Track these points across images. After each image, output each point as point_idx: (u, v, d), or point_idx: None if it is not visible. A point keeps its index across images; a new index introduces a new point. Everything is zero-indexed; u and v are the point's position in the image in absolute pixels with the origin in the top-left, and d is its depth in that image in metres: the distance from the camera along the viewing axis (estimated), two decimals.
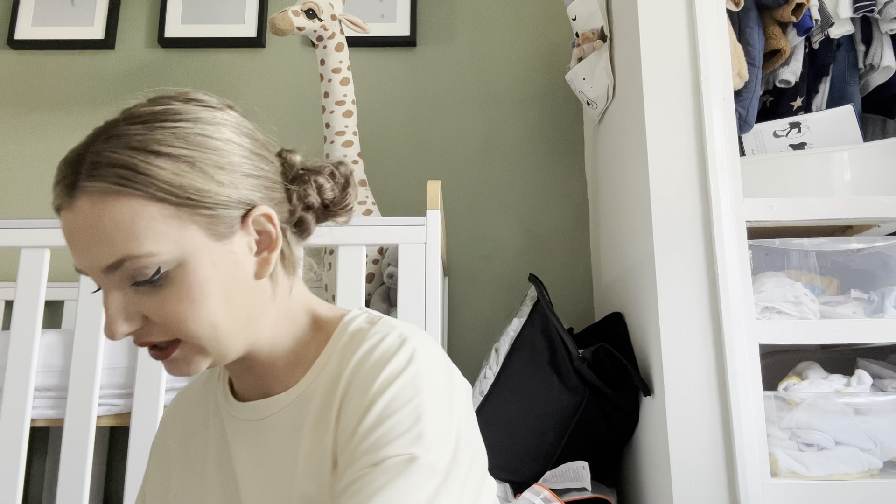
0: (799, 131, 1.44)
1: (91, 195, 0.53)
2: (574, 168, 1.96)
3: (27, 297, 1.28)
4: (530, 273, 1.65)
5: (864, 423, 1.14)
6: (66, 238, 0.56)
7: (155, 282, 0.55)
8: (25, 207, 1.98)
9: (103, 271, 0.55)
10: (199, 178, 0.56)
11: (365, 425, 0.55)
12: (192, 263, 0.55)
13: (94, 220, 0.53)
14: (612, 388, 1.28)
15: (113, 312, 0.55)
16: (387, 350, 0.59)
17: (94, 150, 0.55)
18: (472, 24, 2.08)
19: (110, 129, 0.57)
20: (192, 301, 0.55)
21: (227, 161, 0.58)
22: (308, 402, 0.61)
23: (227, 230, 0.57)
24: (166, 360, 0.58)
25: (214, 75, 2.06)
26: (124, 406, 1.29)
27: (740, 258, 1.17)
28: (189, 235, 0.55)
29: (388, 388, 0.56)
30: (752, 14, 1.44)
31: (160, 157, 0.55)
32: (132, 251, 0.53)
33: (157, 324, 0.56)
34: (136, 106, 0.59)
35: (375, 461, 0.53)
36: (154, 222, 0.54)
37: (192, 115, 0.59)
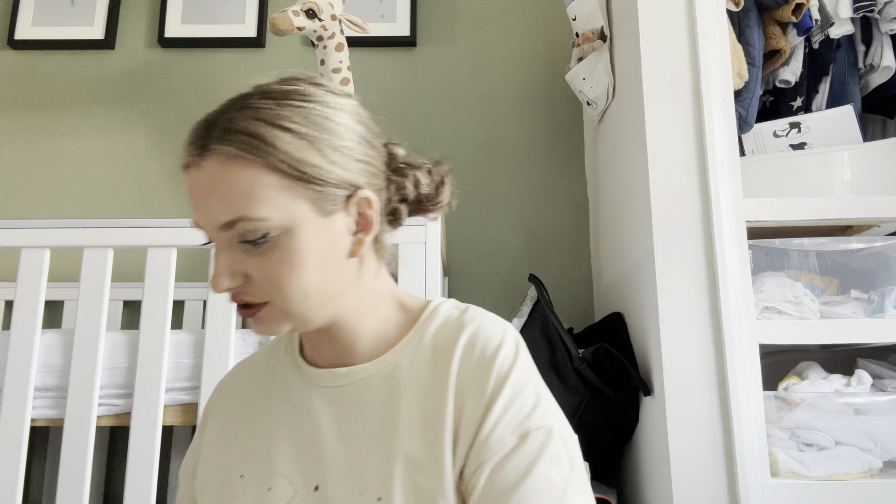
0: (799, 131, 1.44)
1: (219, 157, 0.59)
2: (574, 168, 1.96)
3: (27, 297, 1.28)
4: (530, 273, 1.65)
5: (864, 423, 1.14)
6: (190, 193, 0.61)
7: (261, 244, 0.59)
8: (25, 207, 1.98)
9: (219, 228, 0.60)
10: (316, 156, 0.60)
11: (498, 406, 0.61)
12: (297, 233, 0.60)
13: (219, 179, 0.59)
14: (612, 388, 1.28)
15: (220, 268, 0.60)
16: (492, 336, 0.65)
17: (227, 117, 0.60)
18: (472, 24, 2.08)
19: (243, 101, 0.62)
20: (291, 267, 0.60)
21: (342, 144, 0.63)
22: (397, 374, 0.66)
23: (331, 207, 0.62)
24: (253, 318, 0.63)
25: (214, 75, 2.06)
26: (124, 406, 1.29)
27: (740, 258, 1.17)
28: (298, 207, 0.60)
29: (509, 373, 0.63)
30: (752, 14, 1.44)
31: (285, 132, 0.59)
32: (247, 213, 0.58)
33: (256, 284, 0.61)
34: (268, 84, 0.64)
35: (522, 433, 0.60)
36: (270, 190, 0.59)
37: (317, 98, 0.63)
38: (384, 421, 0.64)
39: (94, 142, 2.02)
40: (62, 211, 1.97)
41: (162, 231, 1.32)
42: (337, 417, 0.66)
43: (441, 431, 0.62)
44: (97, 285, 1.29)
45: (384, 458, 0.63)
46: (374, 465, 0.63)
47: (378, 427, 0.64)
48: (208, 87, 2.05)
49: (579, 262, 1.90)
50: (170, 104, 2.04)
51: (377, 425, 0.64)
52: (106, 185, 1.99)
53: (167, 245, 1.31)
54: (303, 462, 0.66)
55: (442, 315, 0.69)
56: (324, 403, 0.67)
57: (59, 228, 1.31)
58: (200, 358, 1.30)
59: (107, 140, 2.02)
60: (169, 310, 1.30)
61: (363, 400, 0.66)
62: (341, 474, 0.64)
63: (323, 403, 0.67)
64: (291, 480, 0.66)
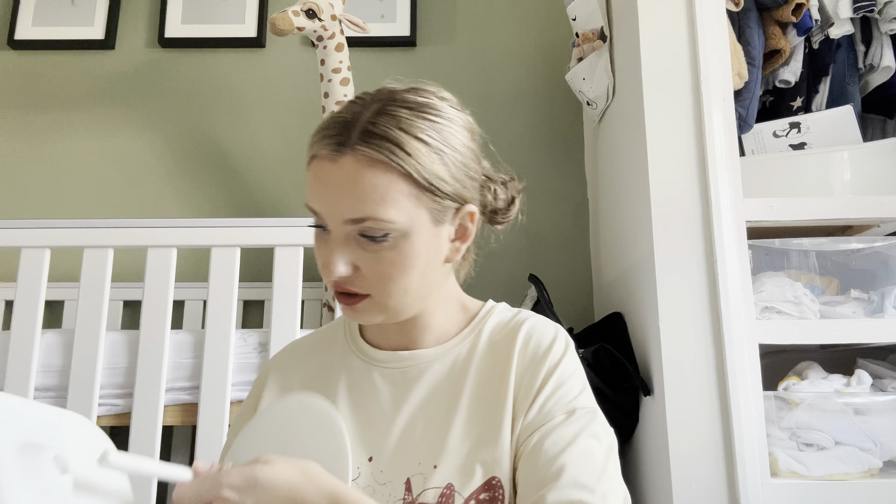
0: (799, 131, 1.44)
1: (359, 157, 0.62)
2: (574, 168, 1.96)
3: (27, 297, 1.28)
4: (530, 273, 1.65)
5: (863, 423, 1.14)
6: (318, 183, 0.64)
7: (380, 241, 0.64)
8: (25, 207, 1.98)
9: (344, 221, 0.64)
10: (444, 170, 0.65)
11: (548, 388, 0.69)
12: (412, 237, 0.65)
13: (356, 178, 0.62)
14: (612, 388, 1.28)
15: (336, 257, 0.65)
16: (545, 333, 0.73)
17: (368, 119, 0.63)
18: (472, 24, 2.08)
19: (382, 106, 0.65)
20: (402, 267, 0.65)
21: (462, 161, 0.68)
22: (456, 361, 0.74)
23: (443, 218, 0.68)
24: (351, 307, 0.68)
25: (214, 75, 2.06)
26: (124, 406, 1.29)
27: (740, 258, 1.17)
28: (419, 215, 0.65)
29: (559, 363, 0.71)
30: (752, 14, 1.44)
31: (422, 144, 0.64)
32: (377, 214, 0.62)
33: (364, 276, 0.66)
34: (400, 91, 0.68)
35: (569, 410, 0.68)
36: (401, 195, 0.63)
37: (447, 114, 0.68)
38: (443, 400, 0.71)
39: (94, 142, 2.02)
40: (62, 211, 1.97)
41: (162, 231, 1.32)
42: (397, 395, 0.72)
43: (501, 414, 0.69)
44: (97, 285, 1.29)
45: (442, 432, 0.69)
46: (432, 439, 0.69)
47: (437, 405, 0.71)
48: (208, 87, 2.05)
49: (579, 262, 1.90)
50: (170, 104, 2.04)
51: (436, 404, 0.71)
52: (106, 185, 1.99)
53: (167, 245, 1.31)
54: (360, 434, 0.71)
55: (497, 315, 0.78)
56: (385, 382, 0.74)
57: (59, 228, 1.31)
58: (200, 358, 1.30)
59: (107, 140, 2.02)
60: (169, 310, 1.30)
61: (424, 381, 0.73)
62: (397, 446, 0.69)
63: (384, 381, 0.74)
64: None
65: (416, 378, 0.73)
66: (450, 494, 0.65)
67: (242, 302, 1.88)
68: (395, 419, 0.71)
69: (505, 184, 0.79)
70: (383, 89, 0.68)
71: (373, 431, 0.71)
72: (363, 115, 0.64)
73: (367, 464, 0.69)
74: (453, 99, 0.72)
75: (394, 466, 0.68)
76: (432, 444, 0.68)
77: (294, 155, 1.99)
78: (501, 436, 0.68)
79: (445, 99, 0.70)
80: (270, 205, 1.97)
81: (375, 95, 0.67)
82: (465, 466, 0.66)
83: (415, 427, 0.70)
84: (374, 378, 0.74)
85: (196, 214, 1.96)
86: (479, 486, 0.66)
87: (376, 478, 0.69)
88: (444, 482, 0.66)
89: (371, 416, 0.72)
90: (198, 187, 1.99)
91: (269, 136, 2.01)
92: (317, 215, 0.66)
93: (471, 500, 0.65)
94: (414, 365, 0.74)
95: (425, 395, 0.72)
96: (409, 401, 0.72)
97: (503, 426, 0.68)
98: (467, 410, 0.70)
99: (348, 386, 0.75)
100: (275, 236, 1.32)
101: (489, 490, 0.65)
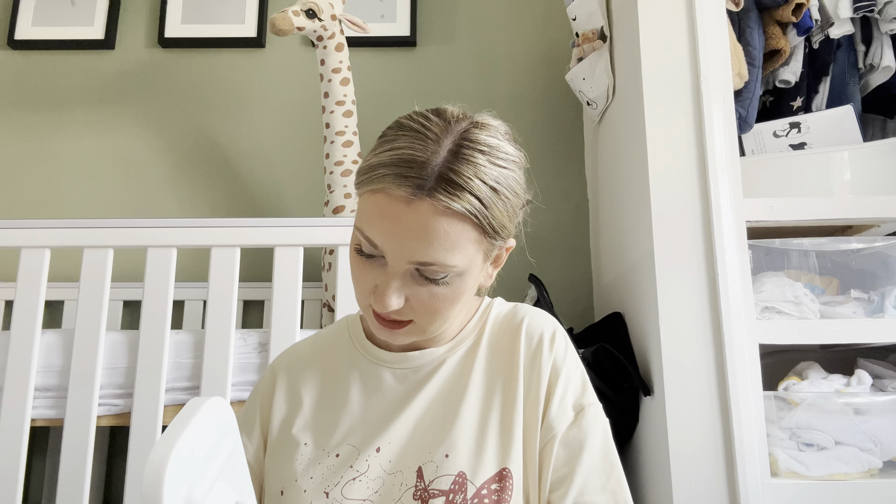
0: (799, 131, 1.44)
1: (437, 204, 0.62)
2: (574, 168, 1.96)
3: (27, 297, 1.28)
4: (530, 273, 1.65)
5: (864, 423, 1.14)
6: (384, 219, 0.63)
7: (437, 282, 0.65)
8: (25, 207, 1.98)
9: (409, 262, 0.64)
10: (507, 219, 0.67)
11: (559, 389, 0.72)
12: (467, 276, 0.67)
13: (430, 224, 0.62)
14: (612, 388, 1.28)
15: (392, 291, 0.65)
16: (545, 327, 0.76)
17: (446, 161, 0.63)
18: (472, 24, 2.08)
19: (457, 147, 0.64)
20: (451, 303, 0.67)
21: (518, 204, 0.69)
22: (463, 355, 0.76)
23: (492, 254, 0.70)
24: (392, 331, 0.69)
25: (214, 75, 2.06)
26: (124, 406, 1.29)
27: (740, 258, 1.17)
28: (477, 257, 0.67)
29: (564, 360, 0.74)
30: (752, 14, 1.44)
31: (494, 193, 0.64)
32: (445, 261, 0.63)
33: (413, 308, 0.67)
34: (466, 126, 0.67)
35: (578, 409, 0.73)
36: (469, 243, 0.64)
37: (512, 157, 0.68)
38: (453, 392, 0.74)
39: (94, 142, 2.02)
40: (62, 211, 1.97)
41: (162, 231, 1.32)
42: (409, 389, 0.75)
43: (512, 406, 0.72)
44: (97, 285, 1.29)
45: (453, 423, 0.71)
46: (443, 429, 0.71)
47: (447, 397, 0.73)
48: (208, 87, 2.05)
49: (579, 262, 1.90)
50: (170, 104, 2.04)
51: (446, 395, 0.74)
52: (106, 185, 1.99)
53: (167, 245, 1.31)
54: (367, 428, 0.73)
55: (497, 308, 0.81)
56: (395, 380, 0.76)
57: (59, 228, 1.31)
58: (200, 358, 1.30)
59: (107, 140, 2.02)
60: (169, 310, 1.30)
61: (433, 378, 0.75)
62: (408, 436, 0.72)
63: (395, 380, 0.76)
64: (356, 445, 0.73)
65: (429, 375, 0.76)
66: (462, 482, 0.68)
67: (242, 302, 1.88)
68: (405, 411, 0.73)
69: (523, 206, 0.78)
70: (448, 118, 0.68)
71: (381, 423, 0.73)
72: (438, 155, 0.63)
73: (376, 454, 0.71)
74: (510, 132, 0.72)
75: (404, 456, 0.71)
76: (443, 434, 0.70)
77: (294, 155, 1.99)
78: (514, 428, 0.71)
79: (507, 134, 0.71)
80: (270, 205, 1.97)
81: (445, 128, 0.66)
82: (477, 456, 0.69)
83: (425, 418, 0.73)
84: (385, 376, 0.76)
85: (196, 214, 1.96)
86: (491, 475, 0.68)
87: (385, 468, 0.70)
88: (456, 470, 0.68)
89: (380, 409, 0.74)
90: (198, 187, 1.99)
91: (269, 136, 2.01)
92: (375, 247, 0.65)
93: (483, 488, 0.67)
94: (426, 363, 0.76)
95: (436, 388, 0.75)
96: (421, 395, 0.74)
97: (515, 417, 0.71)
98: (477, 401, 0.73)
99: (359, 386, 0.77)
100: (275, 236, 1.32)
101: (501, 480, 0.68)
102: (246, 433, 0.79)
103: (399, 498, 0.68)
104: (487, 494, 0.67)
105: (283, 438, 0.76)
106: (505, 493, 0.68)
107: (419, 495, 0.68)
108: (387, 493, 0.69)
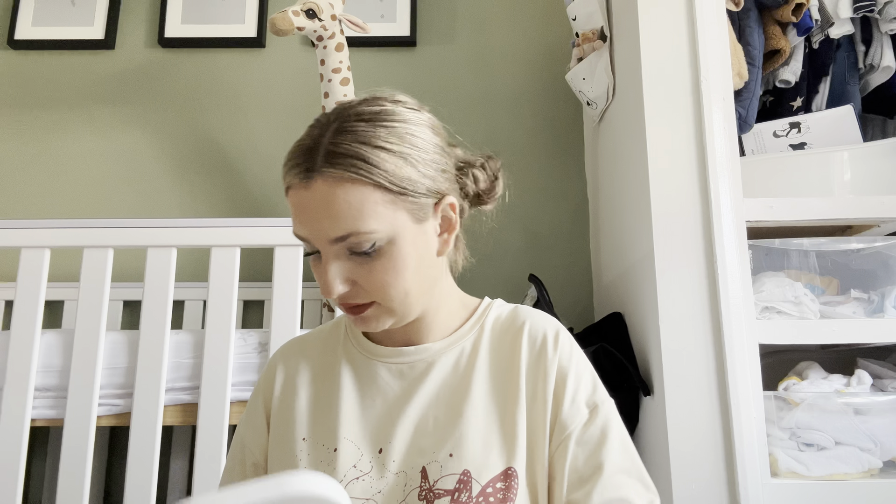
0: (799, 131, 1.44)
1: (327, 178, 0.64)
2: (574, 168, 1.96)
3: (27, 297, 1.28)
4: (530, 273, 1.65)
5: (863, 423, 1.14)
6: (298, 210, 0.66)
7: (369, 254, 0.66)
8: (25, 207, 1.98)
9: (329, 242, 0.66)
10: (411, 171, 0.67)
11: (569, 389, 0.73)
12: (399, 241, 0.67)
13: (330, 199, 0.64)
14: (612, 388, 1.27)
15: (332, 276, 0.66)
16: (549, 328, 0.76)
17: (329, 139, 0.65)
18: (472, 24, 2.08)
19: (339, 123, 0.67)
20: (395, 271, 0.67)
21: (429, 157, 0.69)
22: (462, 354, 0.76)
23: (423, 215, 0.69)
24: (358, 316, 0.70)
25: (214, 75, 2.06)
26: (124, 406, 1.29)
27: (740, 258, 1.17)
28: (399, 218, 0.67)
29: (570, 360, 0.75)
30: (752, 14, 1.44)
31: (384, 152, 0.65)
32: (358, 228, 0.64)
33: (363, 288, 0.68)
34: (354, 104, 0.70)
35: (591, 406, 0.73)
36: (377, 206, 0.65)
37: (403, 116, 0.69)
38: (455, 392, 0.73)
39: (94, 142, 2.02)
40: (62, 211, 1.97)
41: (162, 231, 1.32)
42: (406, 388, 0.75)
43: (514, 406, 0.72)
44: (97, 285, 1.29)
45: (456, 422, 0.71)
46: (446, 428, 0.71)
47: (449, 396, 0.73)
48: (208, 87, 2.05)
49: (579, 262, 1.90)
50: (170, 104, 2.04)
51: (448, 395, 0.73)
52: (106, 185, 1.99)
53: (167, 245, 1.31)
54: (368, 427, 0.73)
55: (496, 309, 0.81)
56: (392, 376, 0.76)
57: (59, 228, 1.31)
58: (200, 358, 1.30)
59: (107, 140, 2.02)
60: (169, 310, 1.30)
61: (433, 374, 0.75)
62: (410, 436, 0.72)
63: (391, 376, 0.76)
64: (357, 444, 0.72)
65: (425, 371, 0.75)
66: (467, 481, 0.68)
67: (242, 302, 1.88)
68: (406, 411, 0.73)
69: (483, 165, 0.80)
70: (339, 107, 0.70)
71: (382, 424, 0.73)
72: (324, 137, 0.66)
73: (377, 456, 0.71)
74: (410, 100, 0.73)
75: (407, 456, 0.71)
76: (447, 434, 0.70)
77: None
78: (517, 428, 0.71)
79: (400, 101, 0.72)
80: (270, 205, 1.97)
81: (332, 115, 0.69)
82: (482, 455, 0.69)
83: (427, 417, 0.72)
84: (380, 372, 0.76)
85: (196, 214, 1.96)
86: (496, 474, 0.68)
87: (388, 468, 0.71)
88: (460, 469, 0.68)
89: (379, 410, 0.74)
90: (198, 187, 1.99)
91: (269, 136, 2.01)
92: (306, 241, 0.68)
93: (488, 486, 0.67)
94: (421, 359, 0.76)
95: (436, 386, 0.74)
96: (420, 393, 0.74)
97: (518, 418, 0.71)
98: (480, 401, 0.73)
99: (354, 381, 0.77)
100: (275, 236, 1.32)
101: (506, 479, 0.68)
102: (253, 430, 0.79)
103: (404, 498, 0.69)
104: (493, 493, 0.67)
105: (283, 432, 0.76)
106: (510, 492, 0.67)
107: (424, 495, 0.68)
108: (391, 493, 0.69)
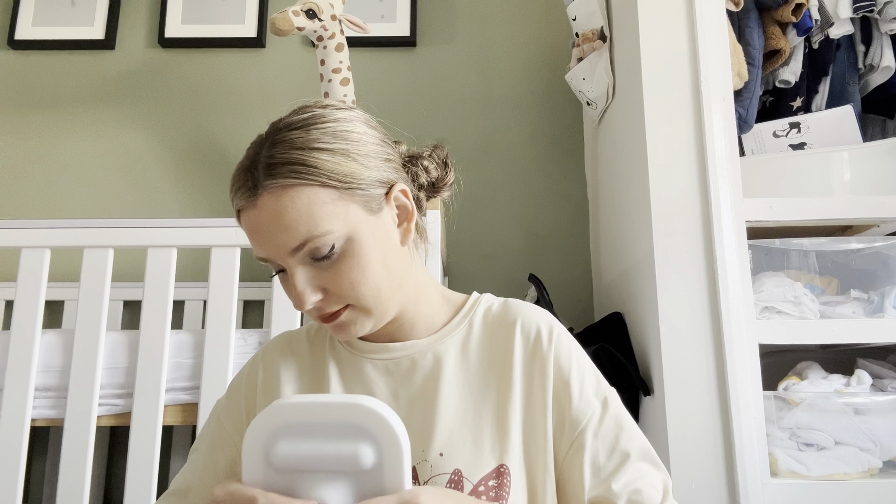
0: (799, 131, 1.44)
1: (272, 191, 0.64)
2: (574, 168, 1.96)
3: (27, 297, 1.28)
4: (530, 273, 1.65)
5: (863, 422, 1.14)
6: (251, 232, 0.66)
7: (332, 256, 0.65)
8: (25, 207, 1.98)
9: (289, 254, 0.65)
10: (354, 165, 0.67)
11: (574, 384, 0.72)
12: (357, 236, 0.66)
13: (279, 211, 0.63)
14: None
15: (301, 287, 0.66)
16: (542, 323, 0.75)
17: (265, 154, 0.65)
18: (472, 24, 2.08)
19: (272, 137, 0.67)
20: (361, 268, 0.67)
21: (368, 149, 0.69)
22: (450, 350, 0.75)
23: (377, 206, 0.69)
24: (334, 323, 0.69)
25: (214, 75, 2.06)
26: (124, 406, 1.29)
27: (740, 258, 1.17)
28: (352, 213, 0.66)
29: (570, 354, 0.73)
30: (752, 14, 1.44)
31: (321, 152, 0.65)
32: (312, 233, 0.64)
33: (334, 293, 0.67)
34: (284, 118, 0.70)
35: (601, 398, 0.72)
36: (326, 206, 0.64)
37: (334, 116, 0.69)
38: (443, 389, 0.72)
39: (94, 142, 2.02)
40: (62, 211, 1.97)
41: (162, 231, 1.32)
42: (393, 385, 0.74)
43: (506, 402, 0.71)
44: (97, 285, 1.29)
45: (445, 420, 0.70)
46: (435, 426, 0.69)
47: (436, 394, 0.72)
48: (208, 87, 2.05)
49: (579, 262, 1.90)
50: (170, 104, 2.04)
51: (435, 392, 0.72)
52: (106, 185, 1.99)
53: (167, 245, 1.31)
54: None
55: (485, 304, 0.79)
56: (378, 373, 0.75)
57: (59, 228, 1.31)
58: (200, 358, 1.30)
59: (107, 140, 2.02)
60: (169, 310, 1.30)
61: (419, 370, 0.74)
62: None
63: (377, 373, 0.75)
64: None
65: (411, 368, 0.74)
66: (458, 480, 0.67)
67: (242, 302, 1.88)
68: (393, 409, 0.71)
69: (431, 155, 0.80)
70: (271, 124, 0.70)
71: None
72: (260, 153, 0.66)
73: None
74: (337, 102, 0.74)
75: None
76: (436, 432, 0.69)
77: None
78: (510, 425, 0.70)
79: (330, 105, 0.72)
80: None
81: (265, 133, 0.69)
82: (473, 453, 0.68)
83: (415, 416, 0.71)
84: (366, 369, 0.75)
85: (196, 214, 1.96)
86: (488, 472, 0.67)
87: None
88: (451, 468, 0.67)
89: None
90: (198, 187, 1.99)
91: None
92: (268, 262, 0.68)
93: (480, 484, 0.67)
94: (407, 355, 0.75)
95: (422, 384, 0.73)
96: (407, 390, 0.73)
97: (511, 415, 0.70)
98: (471, 399, 0.72)
99: (340, 377, 0.76)
100: None
101: (498, 477, 0.67)
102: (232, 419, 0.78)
103: None
104: (485, 491, 0.66)
105: None
106: (503, 489, 0.67)
107: None
108: None
